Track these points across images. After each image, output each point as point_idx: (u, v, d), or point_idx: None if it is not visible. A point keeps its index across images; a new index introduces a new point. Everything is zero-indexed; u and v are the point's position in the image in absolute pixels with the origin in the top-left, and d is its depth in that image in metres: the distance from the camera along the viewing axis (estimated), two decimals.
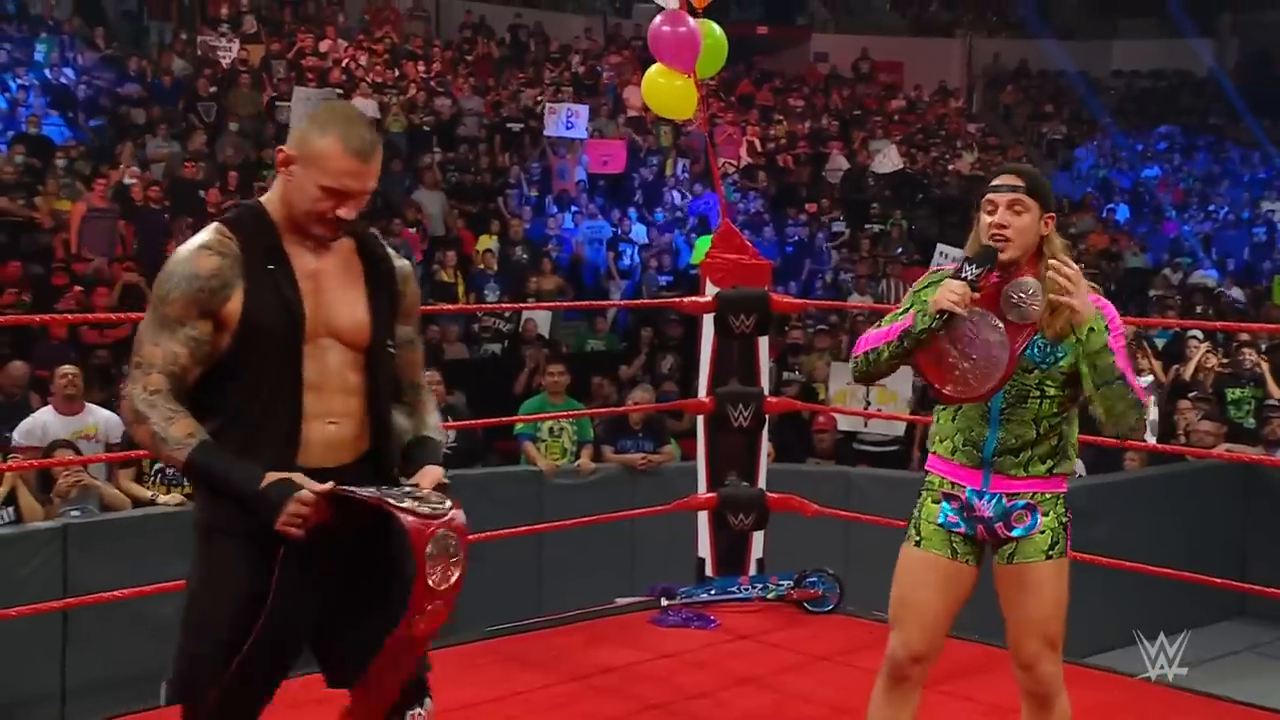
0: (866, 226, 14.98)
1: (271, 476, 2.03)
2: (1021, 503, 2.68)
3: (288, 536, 2.02)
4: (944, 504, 2.73)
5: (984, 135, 19.27)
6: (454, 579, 1.99)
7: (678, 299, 5.89)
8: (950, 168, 17.41)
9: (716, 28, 5.08)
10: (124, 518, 5.24)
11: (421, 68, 15.69)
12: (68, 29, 14.04)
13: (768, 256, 5.60)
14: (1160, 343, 9.91)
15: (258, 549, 2.05)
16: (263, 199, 2.21)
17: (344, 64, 14.90)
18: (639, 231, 13.48)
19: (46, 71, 13.20)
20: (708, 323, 4.93)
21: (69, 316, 6.41)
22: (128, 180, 11.15)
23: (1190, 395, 8.12)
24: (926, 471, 2.81)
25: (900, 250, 14.25)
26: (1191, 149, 19.15)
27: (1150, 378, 8.81)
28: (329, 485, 2.04)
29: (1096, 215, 16.61)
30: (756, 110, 18.25)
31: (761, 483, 5.00)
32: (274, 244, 2.14)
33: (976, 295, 2.59)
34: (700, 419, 5.00)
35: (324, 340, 2.14)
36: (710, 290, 4.90)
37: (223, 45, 14.33)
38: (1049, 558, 2.67)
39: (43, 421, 5.84)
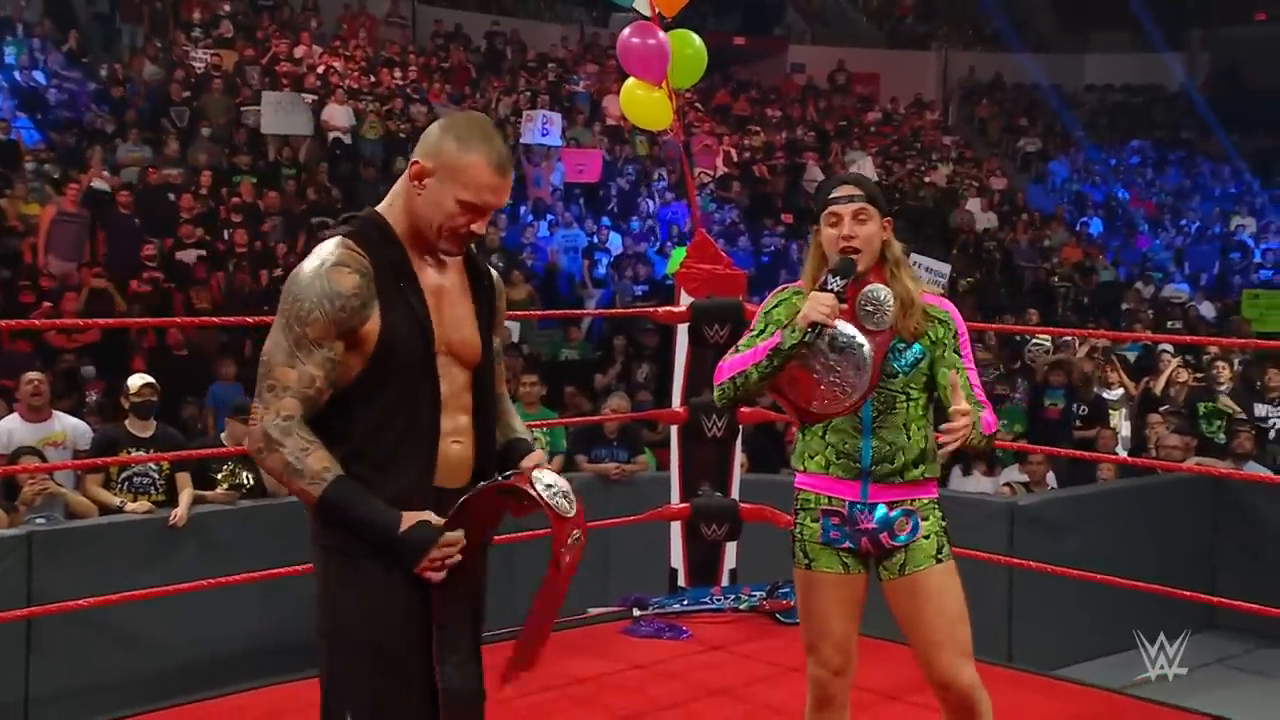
0: None
1: (410, 519, 1.97)
2: (900, 511, 2.67)
3: (428, 581, 2.00)
4: (824, 520, 2.71)
5: (959, 148, 19.44)
6: (578, 506, 2.10)
7: (652, 309, 5.90)
8: (926, 180, 17.55)
9: (696, 38, 5.10)
10: (90, 525, 5.18)
11: (398, 74, 15.68)
12: (38, 32, 13.94)
13: (743, 267, 5.63)
14: (1131, 356, 10.00)
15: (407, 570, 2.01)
16: (380, 210, 2.13)
17: (319, 70, 14.87)
18: (614, 241, 13.51)
19: (16, 74, 13.10)
20: (682, 332, 4.94)
21: (35, 322, 6.34)
22: (97, 185, 11.07)
23: (1161, 409, 8.20)
24: (797, 491, 2.78)
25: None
26: (1163, 163, 19.37)
27: (1121, 391, 8.90)
28: (458, 533, 2.03)
29: (1070, 229, 16.78)
30: (733, 120, 18.33)
31: (735, 493, 5.01)
32: (402, 260, 2.08)
33: (844, 306, 2.60)
34: (674, 429, 5.00)
35: (445, 358, 2.10)
36: (685, 300, 4.91)
37: (196, 51, 14.28)
38: (939, 561, 2.66)
39: (8, 429, 5.79)
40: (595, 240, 13.33)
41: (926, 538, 2.67)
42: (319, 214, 11.91)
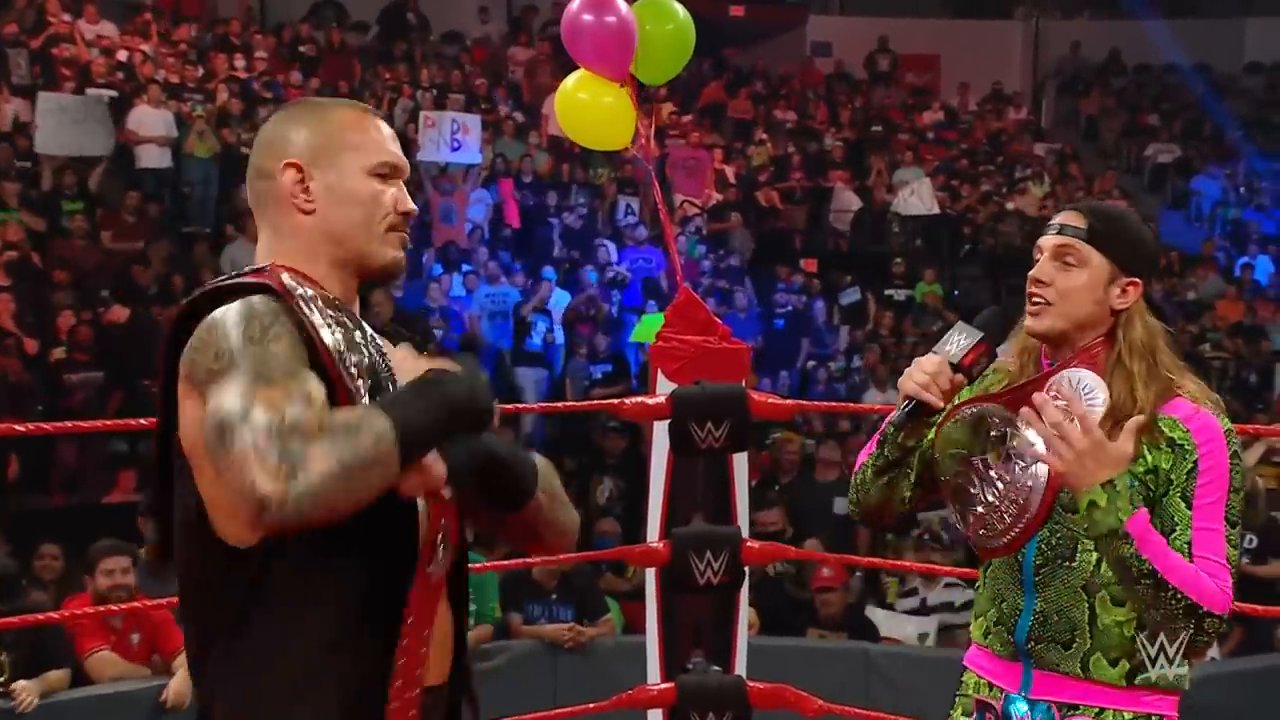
0: (888, 293, 15.28)
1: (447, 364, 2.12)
2: None
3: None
4: (978, 717, 2.77)
5: (1058, 160, 19.76)
6: None
7: (616, 399, 5.97)
8: (1010, 207, 17.81)
9: (679, 8, 5.15)
10: None
11: (240, 63, 15.90)
12: None
13: (745, 336, 5.72)
14: None
15: None
16: (272, 266, 2.20)
17: (120, 56, 15.02)
18: (560, 299, 13.66)
19: None
20: (660, 433, 5.02)
21: None
22: None
23: None
24: (963, 667, 2.85)
25: (938, 326, 14.53)
26: None
27: None
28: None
29: (1225, 273, 17.08)
30: (729, 126, 18.62)
31: (739, 667, 5.07)
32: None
33: (957, 378, 2.65)
34: (650, 574, 5.07)
35: None
36: (663, 386, 5.01)
37: None
38: None
39: None
40: (532, 299, 13.46)
41: None
42: (120, 275, 11.98)
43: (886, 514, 2.88)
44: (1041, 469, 2.63)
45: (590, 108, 5.08)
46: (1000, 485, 2.68)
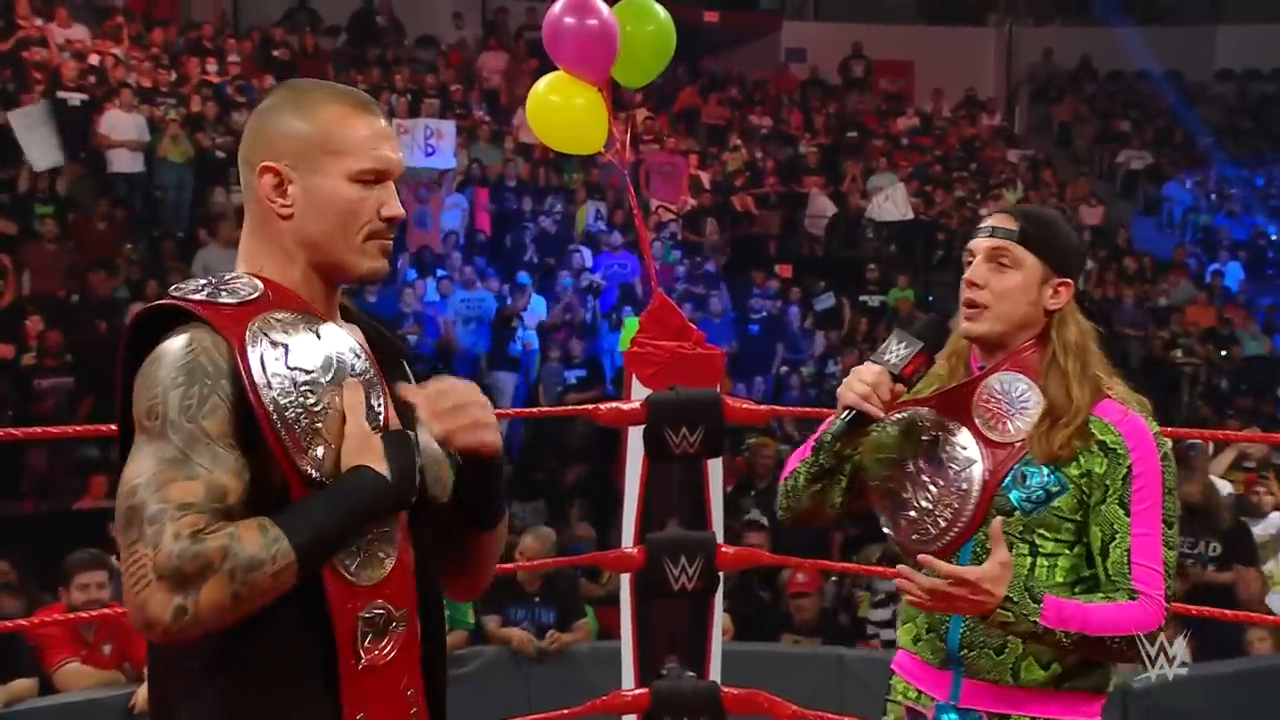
0: (863, 298, 15.31)
1: (369, 453, 2.07)
2: None
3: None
4: None
5: (1031, 165, 19.87)
6: None
7: (591, 405, 5.97)
8: (983, 213, 17.81)
9: (660, 9, 5.12)
10: None
11: (213, 67, 15.86)
12: None
13: (720, 342, 5.72)
14: None
15: None
16: (251, 275, 2.15)
17: (92, 60, 14.96)
18: (536, 306, 13.67)
19: None
20: (635, 439, 5.02)
21: None
22: None
23: None
24: (891, 672, 2.83)
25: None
26: None
27: (1277, 518, 9.03)
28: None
29: (1196, 279, 17.19)
30: (704, 132, 18.65)
31: (714, 672, 5.06)
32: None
33: (897, 387, 2.63)
34: (625, 579, 5.07)
35: None
36: (638, 392, 5.00)
37: None
38: None
39: None
40: (507, 305, 13.46)
41: None
42: (95, 275, 11.94)
43: (817, 519, 2.88)
44: (975, 472, 2.64)
45: (562, 111, 5.06)
46: (934, 489, 2.67)
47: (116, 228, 12.96)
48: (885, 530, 2.80)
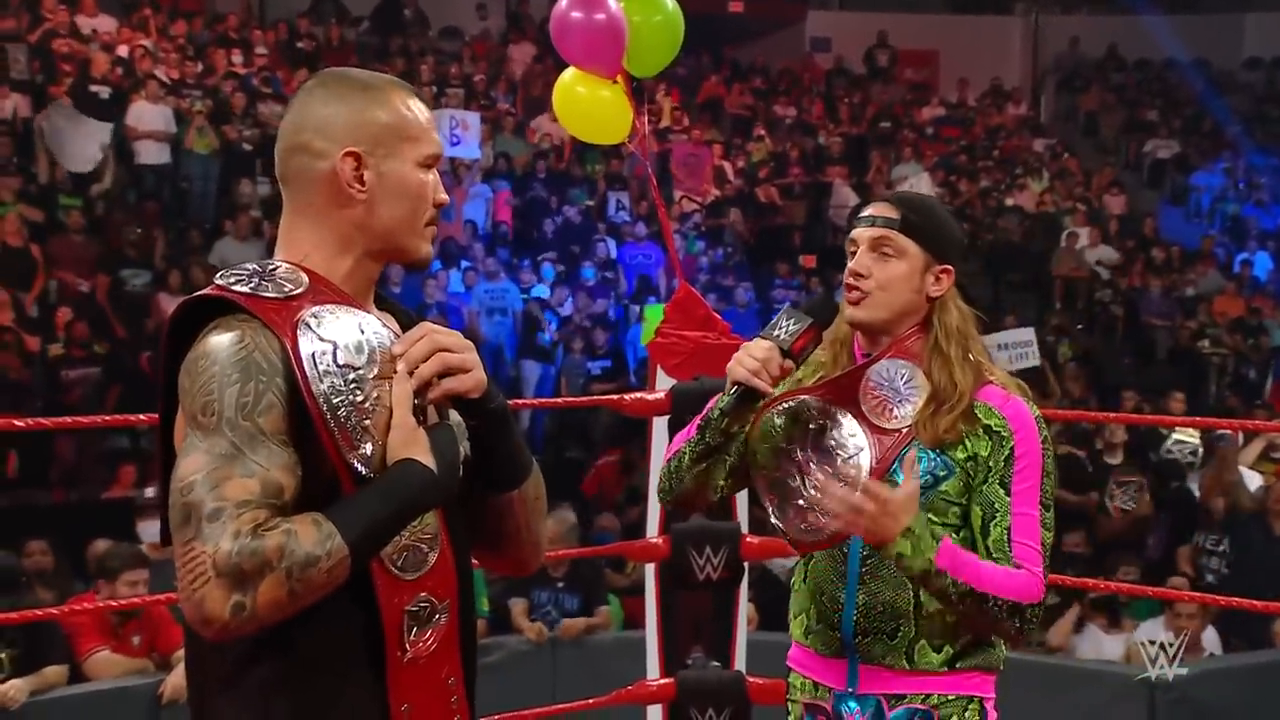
0: None
1: (415, 445, 2.08)
2: (904, 712, 2.69)
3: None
4: None
5: (1057, 155, 19.82)
6: None
7: (616, 395, 5.99)
8: (1009, 203, 17.86)
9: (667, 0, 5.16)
10: None
11: (239, 58, 15.91)
12: None
13: (745, 332, 5.70)
14: None
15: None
16: (297, 263, 2.16)
17: (120, 51, 15.02)
18: (560, 296, 13.69)
19: None
20: (660, 429, 5.03)
21: None
22: None
23: None
24: (787, 669, 2.86)
25: None
26: None
27: None
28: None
29: (1224, 269, 17.13)
30: (728, 122, 18.64)
31: (739, 662, 5.07)
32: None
33: (786, 363, 2.65)
34: (650, 569, 5.08)
35: None
36: (663, 382, 5.01)
37: None
38: None
39: None
40: (531, 296, 13.49)
41: None
42: (122, 267, 12.00)
43: (699, 502, 2.89)
44: (863, 460, 2.66)
45: (588, 101, 5.07)
46: (822, 476, 2.67)
47: (144, 219, 13.01)
48: (773, 521, 2.79)
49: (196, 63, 15.54)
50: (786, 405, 2.75)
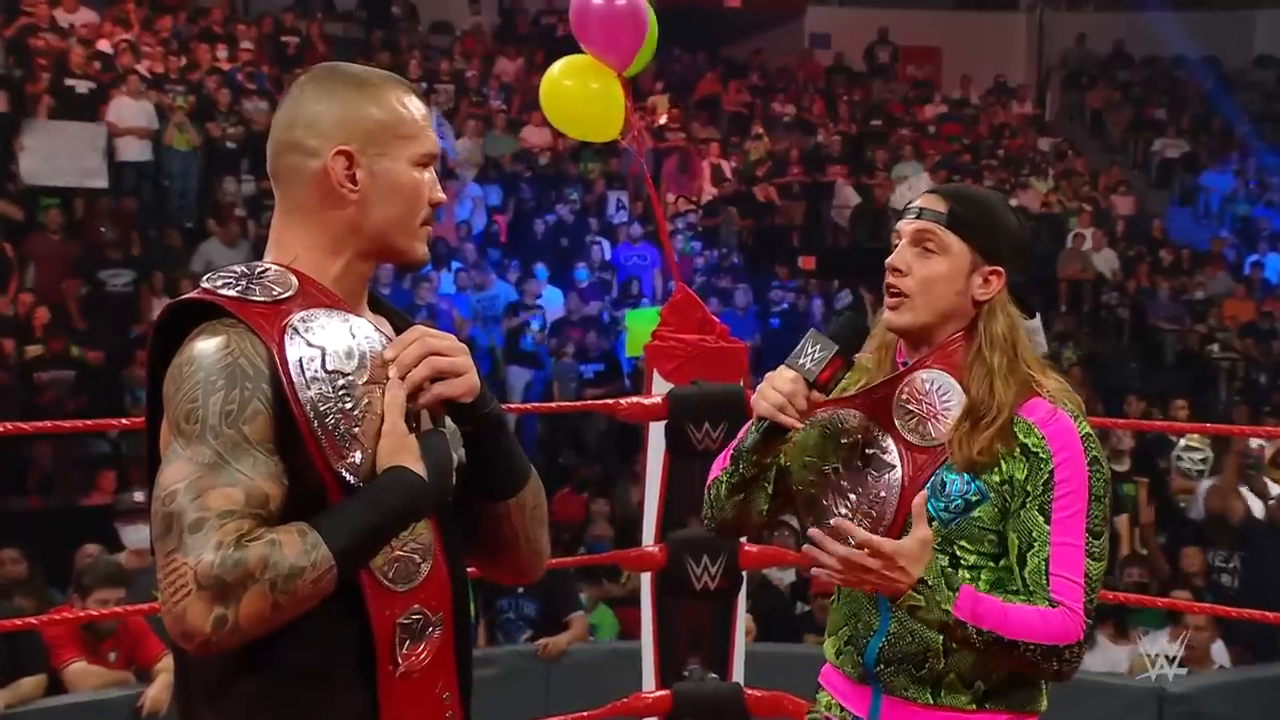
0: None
1: (405, 452, 2.07)
2: None
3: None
4: None
5: (1063, 154, 19.84)
6: None
7: (610, 400, 5.97)
8: (1013, 203, 17.79)
9: None
10: None
11: (223, 53, 15.90)
12: None
13: (743, 335, 5.71)
14: None
15: None
16: (286, 265, 2.15)
17: (101, 46, 15.01)
18: (552, 298, 13.69)
19: None
20: (656, 435, 5.02)
21: None
22: None
23: None
24: (818, 685, 2.80)
25: None
26: None
27: None
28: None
29: (1234, 271, 17.16)
30: (725, 120, 18.65)
31: (738, 674, 5.07)
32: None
33: (817, 396, 2.54)
34: (645, 578, 5.07)
35: None
36: (659, 386, 5.01)
37: None
38: None
39: None
40: (522, 298, 13.49)
41: None
42: (101, 267, 11.98)
43: (745, 528, 2.79)
44: (894, 476, 2.55)
45: (577, 96, 5.05)
46: (853, 497, 2.60)
47: (123, 218, 12.99)
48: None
49: (179, 57, 15.52)
50: (822, 416, 2.66)
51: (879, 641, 2.59)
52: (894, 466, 2.56)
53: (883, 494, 2.57)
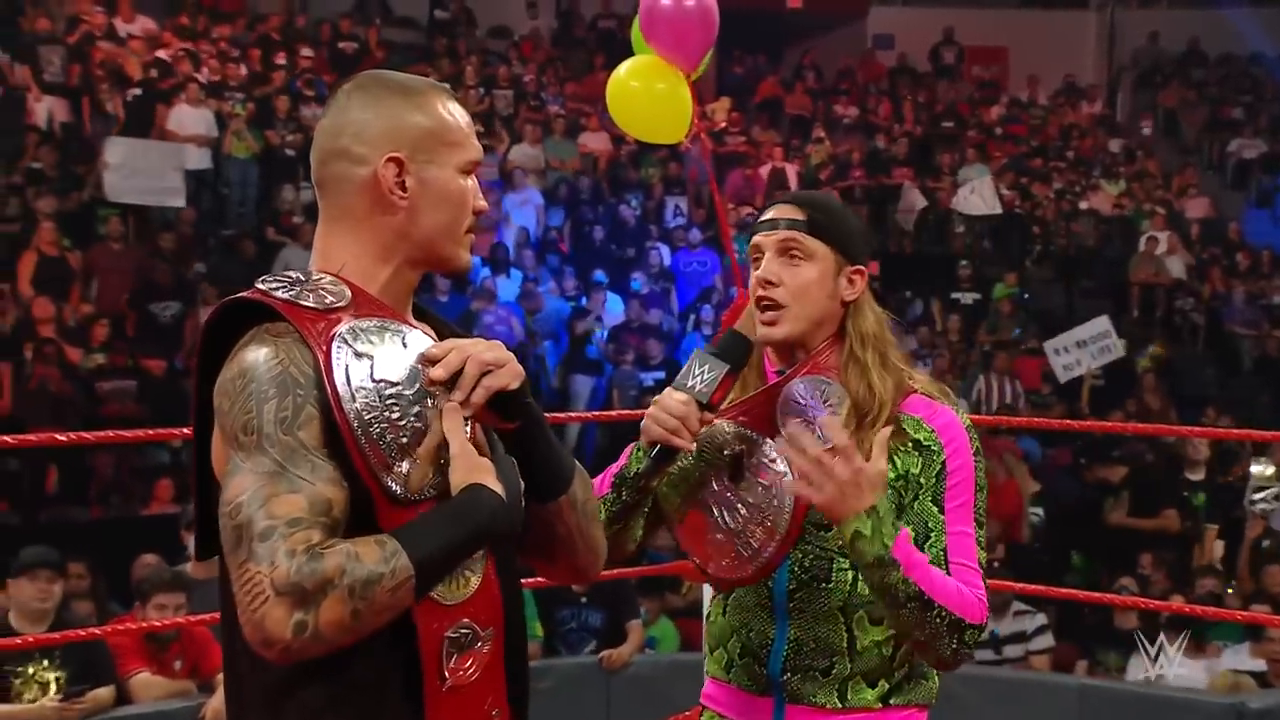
0: (955, 296, 15.27)
1: (482, 472, 2.09)
2: None
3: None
4: None
5: (1134, 155, 19.70)
6: None
7: None
8: (1083, 206, 17.78)
9: None
10: None
11: (283, 62, 16.07)
12: None
13: None
14: None
15: None
16: (339, 274, 2.18)
17: (160, 54, 15.20)
18: (612, 305, 13.76)
19: None
20: None
21: None
22: None
23: None
24: (702, 707, 2.78)
25: (1018, 331, 14.53)
26: None
27: None
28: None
29: None
30: (787, 123, 18.63)
31: None
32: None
33: (708, 417, 2.53)
34: (706, 590, 5.11)
35: None
36: None
37: None
38: None
39: None
40: (582, 306, 13.54)
41: None
42: (161, 277, 12.13)
43: (617, 555, 2.73)
44: (787, 481, 2.53)
45: (642, 97, 5.07)
46: (742, 508, 2.58)
47: (182, 226, 13.13)
48: (694, 563, 2.72)
49: (239, 65, 15.69)
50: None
51: (782, 650, 2.59)
52: (784, 473, 2.54)
53: (775, 501, 2.56)
